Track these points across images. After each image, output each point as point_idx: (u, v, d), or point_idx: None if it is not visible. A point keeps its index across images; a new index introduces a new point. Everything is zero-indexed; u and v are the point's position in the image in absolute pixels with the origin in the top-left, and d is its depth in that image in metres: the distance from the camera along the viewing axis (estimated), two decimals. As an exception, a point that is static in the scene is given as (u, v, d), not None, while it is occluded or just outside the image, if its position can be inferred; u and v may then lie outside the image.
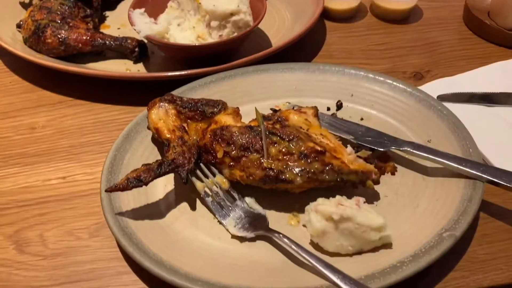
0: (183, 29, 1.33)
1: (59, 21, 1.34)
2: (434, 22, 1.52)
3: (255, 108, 0.94)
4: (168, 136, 1.01)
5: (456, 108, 1.14)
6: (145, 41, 1.35)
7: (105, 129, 1.20)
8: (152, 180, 0.92)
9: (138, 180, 0.90)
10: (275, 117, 1.03)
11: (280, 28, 1.46)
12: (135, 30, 1.26)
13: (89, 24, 1.42)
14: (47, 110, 1.26)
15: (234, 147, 0.96)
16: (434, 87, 1.25)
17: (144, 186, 0.92)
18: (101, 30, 1.49)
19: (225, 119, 1.03)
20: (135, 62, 1.36)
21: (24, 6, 1.54)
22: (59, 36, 1.31)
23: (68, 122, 1.23)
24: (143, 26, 1.25)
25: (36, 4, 1.42)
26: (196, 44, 1.23)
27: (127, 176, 0.91)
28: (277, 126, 1.00)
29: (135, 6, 1.31)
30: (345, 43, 1.45)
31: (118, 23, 1.51)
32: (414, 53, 1.40)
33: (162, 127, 1.02)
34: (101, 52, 1.37)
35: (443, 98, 1.22)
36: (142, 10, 1.31)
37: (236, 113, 1.07)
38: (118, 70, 1.33)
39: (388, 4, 1.49)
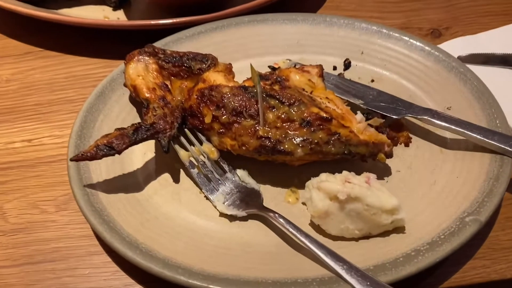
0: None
1: (26, -42, 1.16)
2: (454, -28, 1.35)
3: (251, 64, 0.79)
4: (147, 95, 0.86)
5: (478, 71, 1.00)
6: (127, -16, 1.18)
7: (78, 85, 1.06)
8: (126, 148, 0.78)
9: (110, 147, 0.76)
10: (274, 76, 0.88)
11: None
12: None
13: (62, -37, 1.24)
14: (13, 62, 1.11)
15: (224, 111, 0.82)
16: (454, 47, 1.11)
17: (117, 155, 0.79)
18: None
19: (215, 77, 0.88)
20: (115, 8, 1.20)
21: None
22: (26, -24, 1.14)
23: (36, 76, 1.08)
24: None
25: None
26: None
27: (96, 142, 0.77)
28: (276, 87, 0.85)
29: None
30: (355, -7, 1.28)
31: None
32: (431, 7, 1.24)
33: (140, 85, 0.88)
34: (75, -4, 1.20)
35: (464, 59, 1.08)
36: None
37: (228, 70, 0.93)
38: (95, 17, 1.17)
39: (404, -50, 1.31)
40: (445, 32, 1.17)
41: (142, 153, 0.88)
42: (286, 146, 0.79)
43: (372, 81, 1.01)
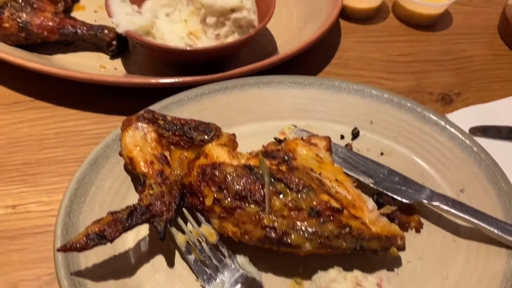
0: (172, 21, 1.10)
1: (20, 1, 1.09)
2: (464, 31, 1.31)
3: (259, 154, 0.73)
4: (144, 170, 0.80)
5: (490, 146, 0.96)
6: (126, 33, 1.12)
7: (69, 142, 0.98)
8: (119, 235, 0.71)
9: (101, 236, 0.69)
10: (281, 153, 0.83)
11: (288, 26, 1.24)
12: (113, 23, 1.02)
13: (59, 5, 1.17)
14: (0, 112, 1.03)
15: (227, 194, 0.76)
16: (465, 117, 1.07)
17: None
18: (74, 13, 1.24)
19: (218, 152, 0.82)
20: (112, 57, 1.13)
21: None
22: (19, 21, 1.06)
23: (24, 130, 1.00)
24: (123, 18, 1.01)
25: (-6, -25, 1.16)
26: (187, 49, 1.00)
27: (87, 230, 0.70)
28: (283, 167, 0.80)
29: (115, -10, 1.07)
30: (363, 50, 1.23)
31: (96, 5, 1.26)
32: (442, 69, 1.20)
33: (137, 157, 0.81)
34: (71, 42, 1.13)
35: (475, 131, 1.04)
36: (124, -5, 1.07)
37: (232, 142, 0.87)
38: (91, 65, 1.10)
39: (414, 7, 1.28)
40: (456, 98, 1.13)
41: (135, 230, 0.81)
42: (293, 238, 0.73)
43: (382, 154, 0.96)
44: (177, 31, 1.09)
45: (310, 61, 1.18)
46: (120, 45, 1.12)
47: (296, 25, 1.23)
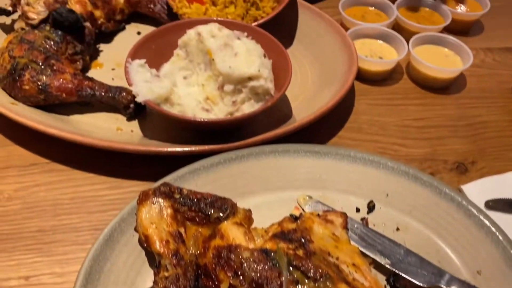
0: (189, 84, 1.11)
1: (40, 63, 1.10)
2: (478, 95, 1.32)
3: (278, 247, 0.73)
4: (160, 250, 0.80)
5: (507, 221, 0.95)
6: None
7: (84, 209, 0.98)
8: (134, 325, 0.71)
9: (117, 327, 0.69)
10: (297, 234, 0.82)
11: (303, 88, 1.24)
12: (132, 92, 1.04)
13: (78, 63, 1.19)
14: (17, 175, 1.04)
15: (243, 281, 0.75)
16: (481, 188, 1.06)
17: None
18: (92, 70, 1.26)
19: (234, 233, 0.82)
20: (129, 119, 1.13)
21: (4, 29, 1.30)
22: (39, 83, 1.08)
23: (40, 195, 1.00)
24: (142, 87, 1.02)
25: (17, 34, 1.18)
26: (204, 120, 1.01)
27: (102, 319, 0.70)
28: (300, 252, 0.79)
29: (134, 55, 1.08)
30: (377, 113, 1.24)
31: (113, 62, 1.28)
32: (456, 135, 1.20)
33: (153, 236, 0.81)
34: (89, 103, 1.15)
35: (491, 204, 1.03)
36: (143, 61, 1.08)
37: (248, 219, 0.87)
38: (108, 127, 1.11)
39: (428, 70, 1.28)
40: (471, 168, 1.12)
41: (149, 310, 0.81)
42: (309, 330, 0.72)
43: (398, 229, 0.95)
44: (194, 94, 1.10)
45: (323, 125, 1.17)
46: (137, 108, 1.12)
47: (311, 88, 1.24)
